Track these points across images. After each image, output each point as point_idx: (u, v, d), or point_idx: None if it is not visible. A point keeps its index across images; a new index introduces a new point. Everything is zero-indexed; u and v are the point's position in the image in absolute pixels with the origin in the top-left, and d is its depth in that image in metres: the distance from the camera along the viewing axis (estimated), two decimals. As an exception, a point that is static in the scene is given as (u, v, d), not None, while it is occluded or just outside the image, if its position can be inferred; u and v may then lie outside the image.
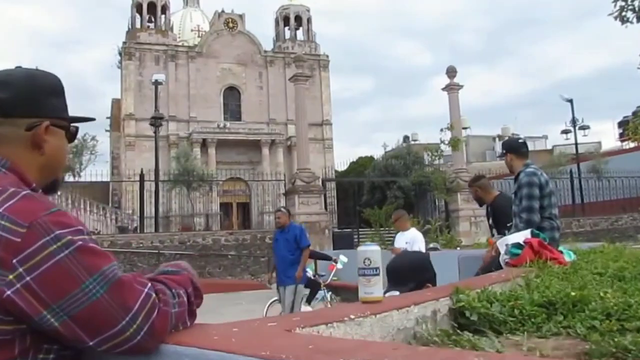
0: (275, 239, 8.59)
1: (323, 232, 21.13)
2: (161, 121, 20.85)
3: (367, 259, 2.02)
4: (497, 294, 2.42)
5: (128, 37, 39.46)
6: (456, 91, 24.25)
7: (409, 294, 2.26)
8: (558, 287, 2.46)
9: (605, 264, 3.86)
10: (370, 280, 1.99)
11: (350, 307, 1.87)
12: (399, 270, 3.04)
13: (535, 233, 4.10)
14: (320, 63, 43.21)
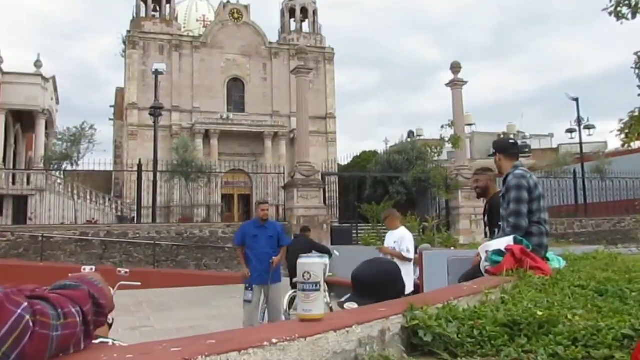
0: (254, 235, 8.14)
1: (321, 227, 20.95)
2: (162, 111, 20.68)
3: (307, 273, 1.82)
4: (460, 311, 2.23)
5: (132, 26, 39.22)
6: (460, 87, 24.02)
7: (353, 310, 2.06)
8: (525, 305, 2.26)
9: (591, 274, 3.66)
10: (310, 296, 1.80)
11: (276, 328, 1.68)
12: (363, 280, 2.82)
13: (519, 239, 3.90)
14: (326, 56, 42.87)
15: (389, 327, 1.93)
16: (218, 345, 1.36)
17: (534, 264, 3.66)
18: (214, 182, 34.93)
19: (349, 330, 1.73)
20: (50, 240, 18.25)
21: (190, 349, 1.31)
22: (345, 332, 1.71)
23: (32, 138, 30.75)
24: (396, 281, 2.87)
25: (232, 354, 1.31)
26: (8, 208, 27.10)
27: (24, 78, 28.82)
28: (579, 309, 2.27)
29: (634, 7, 3.73)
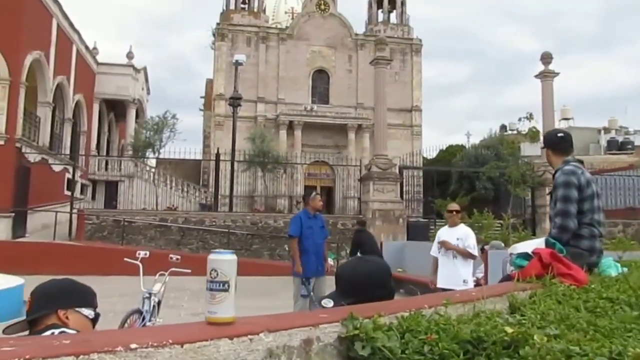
0: (309, 226, 8.00)
1: (397, 222, 20.57)
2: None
3: (214, 270, 1.59)
4: (424, 322, 1.92)
5: (222, 19, 40.12)
6: (550, 79, 22.76)
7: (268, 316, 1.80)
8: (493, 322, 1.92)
9: (637, 285, 3.20)
10: (216, 296, 1.57)
11: (150, 331, 1.47)
12: (346, 278, 2.57)
13: (551, 242, 3.47)
14: (413, 47, 42.03)
15: (319, 337, 1.66)
16: (55, 347, 1.17)
17: (565, 270, 3.23)
18: (298, 173, 35.24)
19: (253, 338, 1.48)
20: (132, 224, 18.96)
21: (19, 351, 1.13)
22: (247, 339, 1.46)
23: (124, 126, 32.22)
24: (384, 283, 2.57)
25: (66, 358, 1.12)
26: (101, 192, 28.53)
27: (116, 69, 30.20)
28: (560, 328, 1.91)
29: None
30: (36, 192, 20.18)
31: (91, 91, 28.85)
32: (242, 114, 36.45)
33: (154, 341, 1.27)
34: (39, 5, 21.44)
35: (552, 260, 3.27)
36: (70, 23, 24.96)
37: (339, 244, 20.02)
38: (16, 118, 19.49)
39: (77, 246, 16.80)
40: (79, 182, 25.67)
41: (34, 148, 21.01)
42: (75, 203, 21.71)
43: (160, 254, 9.33)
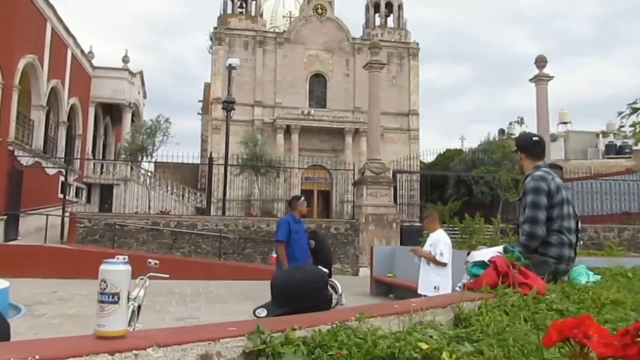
0: (296, 230, 7.96)
1: (390, 226, 20.49)
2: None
3: (103, 281, 1.52)
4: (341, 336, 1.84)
5: (219, 23, 40.14)
6: (545, 83, 22.74)
7: (167, 329, 1.73)
8: (415, 337, 1.83)
9: (598, 294, 3.12)
10: (105, 309, 1.50)
11: (18, 345, 1.39)
12: (281, 287, 2.54)
13: (509, 250, 3.39)
14: (410, 51, 42.01)
15: (219, 352, 1.59)
16: None
17: (522, 279, 3.15)
18: (295, 177, 35.16)
19: (139, 353, 1.41)
20: (124, 228, 18.90)
21: None
22: (131, 355, 1.39)
23: (120, 130, 32.22)
24: (316, 292, 2.50)
25: None
26: (96, 196, 28.49)
27: (111, 72, 30.20)
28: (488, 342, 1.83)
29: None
30: (29, 195, 20.13)
31: (87, 95, 28.82)
32: (239, 118, 36.47)
33: (17, 356, 1.20)
34: (33, 9, 21.43)
35: (509, 269, 3.19)
36: (65, 27, 24.94)
37: (332, 248, 19.93)
38: (9, 121, 19.45)
39: (67, 249, 16.74)
40: (73, 185, 25.63)
41: (27, 151, 20.97)
42: (69, 206, 21.66)
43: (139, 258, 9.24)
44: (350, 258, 20.46)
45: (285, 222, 8.16)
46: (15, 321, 9.75)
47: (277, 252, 8.18)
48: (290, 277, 2.60)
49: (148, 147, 23.10)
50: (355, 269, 20.09)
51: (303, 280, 2.55)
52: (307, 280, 2.56)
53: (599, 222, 22.64)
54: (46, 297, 12.68)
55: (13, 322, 9.75)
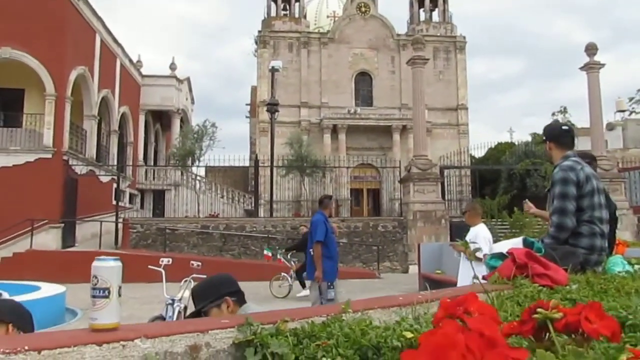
0: (328, 229, 7.99)
1: (439, 222, 20.28)
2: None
3: (95, 277, 1.61)
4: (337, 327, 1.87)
5: (263, 26, 40.55)
6: (596, 70, 22.05)
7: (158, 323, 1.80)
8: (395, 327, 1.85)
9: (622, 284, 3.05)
10: (96, 303, 1.59)
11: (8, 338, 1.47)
12: (194, 291, 2.93)
13: (529, 241, 3.35)
14: (457, 45, 41.41)
15: (209, 343, 1.64)
16: None
17: (542, 270, 3.10)
18: (343, 176, 35.18)
19: (126, 344, 1.48)
20: (175, 232, 19.35)
21: None
22: (118, 346, 1.47)
23: (170, 136, 32.99)
24: (217, 289, 2.89)
25: None
26: (148, 201, 29.26)
27: (160, 80, 30.96)
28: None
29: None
30: (84, 203, 20.84)
31: (136, 103, 29.65)
32: (285, 119, 36.78)
33: (6, 348, 1.27)
34: (82, 22, 22.21)
35: (528, 260, 3.14)
36: (114, 38, 25.74)
37: (381, 246, 19.90)
38: (63, 132, 20.21)
39: (121, 254, 17.19)
40: (127, 192, 26.38)
41: (81, 160, 21.73)
42: (123, 212, 22.32)
43: (183, 260, 9.48)
44: (400, 256, 20.37)
45: (322, 222, 8.02)
46: (72, 324, 10.15)
47: (313, 252, 8.12)
48: (206, 280, 3.05)
49: (196, 151, 23.59)
50: (405, 267, 20.00)
51: (218, 275, 3.00)
52: (222, 275, 2.99)
53: (659, 211, 21.86)
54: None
55: (70, 325, 10.11)
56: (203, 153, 23.64)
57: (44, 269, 14.71)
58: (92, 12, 23.11)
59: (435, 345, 0.61)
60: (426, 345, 0.62)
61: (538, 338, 0.79)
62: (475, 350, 0.60)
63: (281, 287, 13.62)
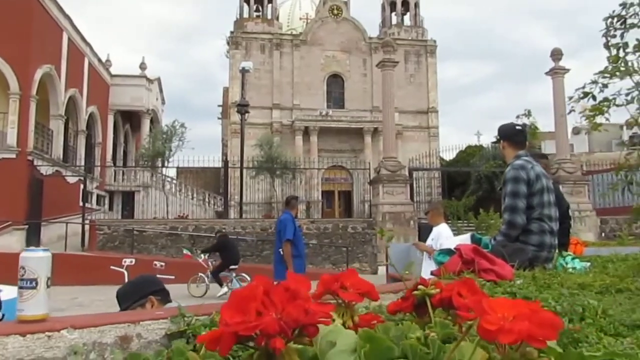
0: (297, 228, 8.10)
1: (408, 223, 20.41)
2: (248, 108, 21.10)
3: (22, 268, 1.61)
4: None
5: (236, 27, 40.44)
6: (561, 75, 22.42)
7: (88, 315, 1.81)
8: None
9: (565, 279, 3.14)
10: (23, 294, 1.59)
11: None
12: (119, 293, 2.99)
13: (477, 238, 3.42)
14: (427, 49, 41.85)
15: (140, 334, 1.65)
16: None
17: (488, 265, 3.17)
18: (314, 178, 35.25)
19: (52, 334, 1.48)
20: (143, 234, 19.16)
21: None
22: (43, 337, 1.47)
23: (140, 137, 32.66)
24: (137, 290, 2.96)
25: None
26: (117, 203, 28.92)
27: (129, 80, 30.63)
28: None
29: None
30: (50, 204, 20.50)
31: (105, 103, 29.28)
32: (257, 121, 36.71)
33: None
34: (49, 20, 21.87)
35: (475, 255, 3.21)
36: (82, 36, 25.39)
37: (350, 247, 19.99)
38: (27, 131, 19.86)
39: (87, 256, 17.03)
40: (95, 193, 26.03)
41: (47, 160, 21.38)
42: (90, 214, 22.01)
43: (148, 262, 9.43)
44: (369, 257, 20.48)
45: (290, 221, 8.17)
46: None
47: (283, 251, 8.19)
48: (129, 282, 3.20)
49: (165, 152, 23.40)
50: (374, 268, 20.10)
51: (142, 276, 3.11)
52: (145, 275, 3.13)
53: (621, 213, 22.31)
54: (65, 304, 12.89)
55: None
56: (172, 154, 23.47)
57: (6, 272, 14.41)
58: (59, 10, 22.76)
59: (241, 297, 0.65)
60: (234, 298, 0.66)
61: (421, 313, 0.83)
62: (277, 302, 0.64)
63: (198, 287, 13.80)
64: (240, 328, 0.61)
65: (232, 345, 0.63)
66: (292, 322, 0.63)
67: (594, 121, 2.97)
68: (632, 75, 2.86)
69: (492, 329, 0.55)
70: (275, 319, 0.62)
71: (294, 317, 0.63)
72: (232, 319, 0.62)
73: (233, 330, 0.61)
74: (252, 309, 0.63)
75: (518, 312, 0.57)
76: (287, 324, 0.62)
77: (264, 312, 0.63)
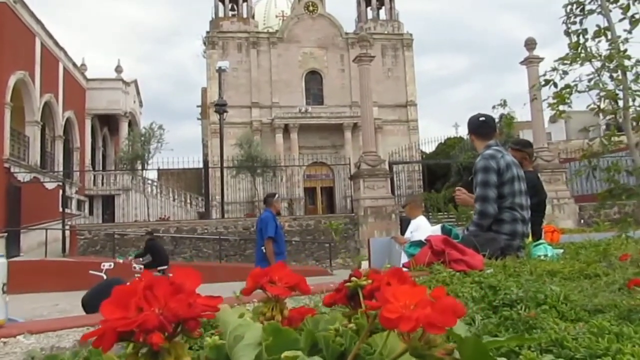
0: (278, 225, 8.12)
1: (390, 217, 20.49)
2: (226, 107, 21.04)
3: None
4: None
5: (212, 27, 40.24)
6: (536, 64, 22.63)
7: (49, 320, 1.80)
8: None
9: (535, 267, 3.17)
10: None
11: None
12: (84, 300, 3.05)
13: (447, 229, 3.44)
14: (404, 42, 41.95)
15: (99, 337, 1.64)
16: None
17: (459, 256, 3.19)
18: (296, 175, 35.22)
19: (7, 340, 1.47)
20: (124, 237, 19.03)
21: None
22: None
23: (118, 140, 32.42)
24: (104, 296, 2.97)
25: None
26: (98, 207, 28.67)
27: (105, 83, 30.37)
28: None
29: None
30: (29, 211, 20.26)
31: (82, 107, 28.98)
32: (237, 120, 36.60)
33: None
34: (21, 26, 21.57)
35: (445, 246, 3.23)
36: (55, 41, 25.10)
37: (333, 243, 20.01)
38: (3, 138, 19.61)
39: (68, 262, 16.88)
40: (74, 199, 25.78)
41: (24, 167, 21.13)
42: (70, 219, 21.79)
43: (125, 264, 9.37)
44: (352, 252, 20.53)
45: (270, 218, 8.21)
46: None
47: (265, 249, 8.20)
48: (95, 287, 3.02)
49: (144, 155, 23.24)
50: (358, 262, 20.15)
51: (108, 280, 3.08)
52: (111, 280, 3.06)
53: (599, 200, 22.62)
54: (47, 310, 12.78)
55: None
56: (151, 156, 23.31)
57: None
58: (31, 16, 22.46)
59: (123, 293, 0.65)
60: (116, 294, 0.66)
61: (356, 305, 0.83)
62: (160, 296, 0.64)
63: None
64: (119, 324, 0.61)
65: (114, 342, 0.63)
66: (172, 317, 0.63)
67: (557, 108, 2.99)
68: (591, 61, 2.89)
69: (393, 317, 0.56)
70: (154, 313, 0.62)
71: (174, 311, 0.63)
72: (112, 315, 0.62)
73: (113, 327, 0.61)
74: (133, 305, 0.63)
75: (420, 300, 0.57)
76: (166, 319, 0.62)
77: (145, 307, 0.63)
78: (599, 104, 2.93)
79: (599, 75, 2.90)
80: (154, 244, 14.14)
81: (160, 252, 13.86)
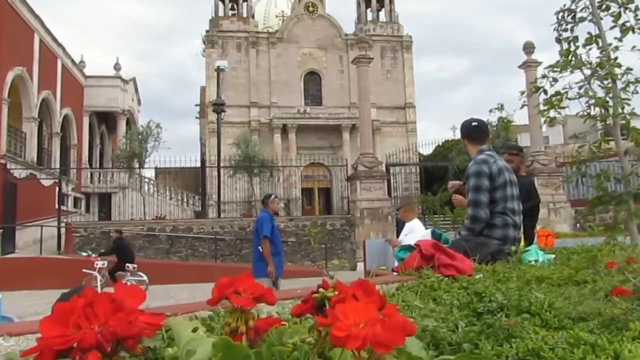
0: (274, 226, 8.15)
1: (386, 219, 20.51)
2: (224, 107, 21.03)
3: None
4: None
5: (211, 26, 40.23)
6: (534, 68, 22.65)
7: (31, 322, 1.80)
8: None
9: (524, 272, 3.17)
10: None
11: None
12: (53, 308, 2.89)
13: (437, 233, 3.44)
14: (403, 44, 41.97)
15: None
16: None
17: (448, 260, 3.19)
18: (294, 175, 35.19)
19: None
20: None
21: None
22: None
23: (116, 138, 32.39)
24: None
25: None
26: (94, 205, 28.63)
27: (104, 81, 30.34)
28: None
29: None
30: (25, 208, 20.22)
31: (80, 104, 28.95)
32: (235, 120, 36.56)
33: None
34: (19, 22, 21.55)
35: (434, 251, 3.23)
36: (54, 38, 25.07)
37: (329, 244, 20.00)
38: (0, 135, 19.59)
39: (62, 259, 16.86)
40: (71, 196, 25.74)
41: (21, 164, 21.10)
42: (66, 216, 21.75)
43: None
44: (348, 253, 20.54)
45: (267, 218, 8.23)
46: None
47: (262, 249, 8.21)
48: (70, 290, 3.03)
49: (142, 153, 23.22)
50: (353, 264, 20.14)
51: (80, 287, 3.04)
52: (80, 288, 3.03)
53: (596, 204, 22.63)
54: (41, 308, 12.75)
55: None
56: (149, 154, 23.28)
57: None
58: (29, 12, 22.44)
59: (63, 309, 0.65)
60: (56, 310, 0.66)
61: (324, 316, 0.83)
62: (100, 314, 0.64)
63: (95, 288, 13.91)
64: (56, 342, 0.61)
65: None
66: (111, 335, 0.62)
67: (547, 115, 3.00)
68: (581, 68, 2.90)
69: (341, 335, 0.56)
70: (93, 332, 0.62)
71: (113, 329, 0.62)
72: (50, 333, 0.62)
73: (50, 345, 0.61)
74: (72, 322, 0.63)
75: (369, 318, 0.57)
76: (104, 337, 0.62)
77: (84, 325, 0.63)
78: (589, 111, 2.93)
79: (589, 82, 2.91)
80: (122, 244, 14.62)
81: (126, 252, 14.20)
